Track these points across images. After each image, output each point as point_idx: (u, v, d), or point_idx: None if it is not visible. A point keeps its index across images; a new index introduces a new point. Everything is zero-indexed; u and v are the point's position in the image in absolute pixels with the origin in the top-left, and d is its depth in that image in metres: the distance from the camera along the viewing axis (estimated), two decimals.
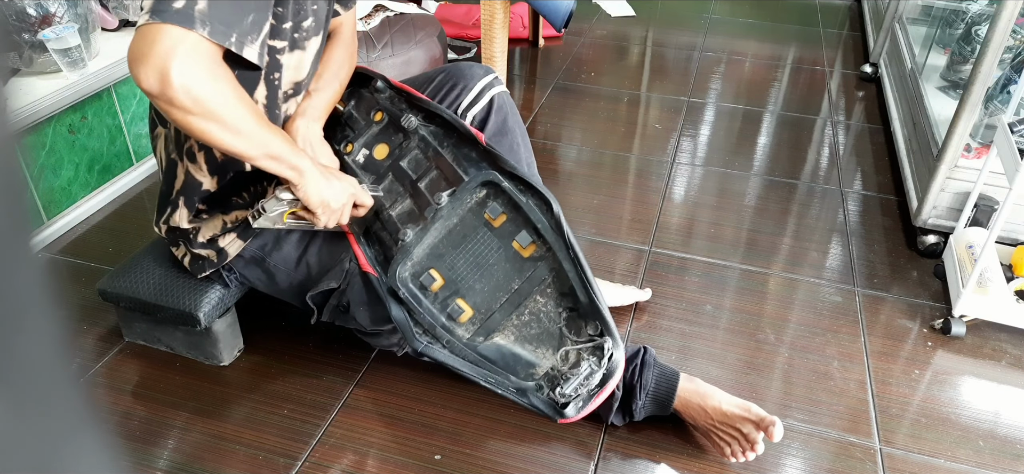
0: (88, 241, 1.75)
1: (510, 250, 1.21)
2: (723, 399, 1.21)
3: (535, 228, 1.20)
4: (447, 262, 1.22)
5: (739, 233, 1.86)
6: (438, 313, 1.20)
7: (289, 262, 1.28)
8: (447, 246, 1.23)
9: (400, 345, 1.28)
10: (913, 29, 2.44)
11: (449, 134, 1.29)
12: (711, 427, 1.21)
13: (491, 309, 1.20)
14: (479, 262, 1.22)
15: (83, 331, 1.47)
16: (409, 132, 1.31)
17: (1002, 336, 1.54)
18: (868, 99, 2.63)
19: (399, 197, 1.29)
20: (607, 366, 1.15)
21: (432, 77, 1.43)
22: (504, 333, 1.20)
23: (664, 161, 2.19)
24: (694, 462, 1.24)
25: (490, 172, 1.23)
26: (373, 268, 1.23)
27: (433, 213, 1.22)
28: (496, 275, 1.21)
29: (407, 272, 1.21)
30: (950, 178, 1.69)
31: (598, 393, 1.16)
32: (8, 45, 1.67)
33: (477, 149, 1.27)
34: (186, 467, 1.20)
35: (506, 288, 1.20)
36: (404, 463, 1.22)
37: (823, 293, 1.65)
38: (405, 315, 1.19)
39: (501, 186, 1.22)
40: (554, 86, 2.64)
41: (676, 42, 3.10)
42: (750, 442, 1.17)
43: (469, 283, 1.21)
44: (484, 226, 1.23)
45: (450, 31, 2.91)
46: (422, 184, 1.27)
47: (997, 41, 1.53)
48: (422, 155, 1.30)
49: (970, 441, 1.31)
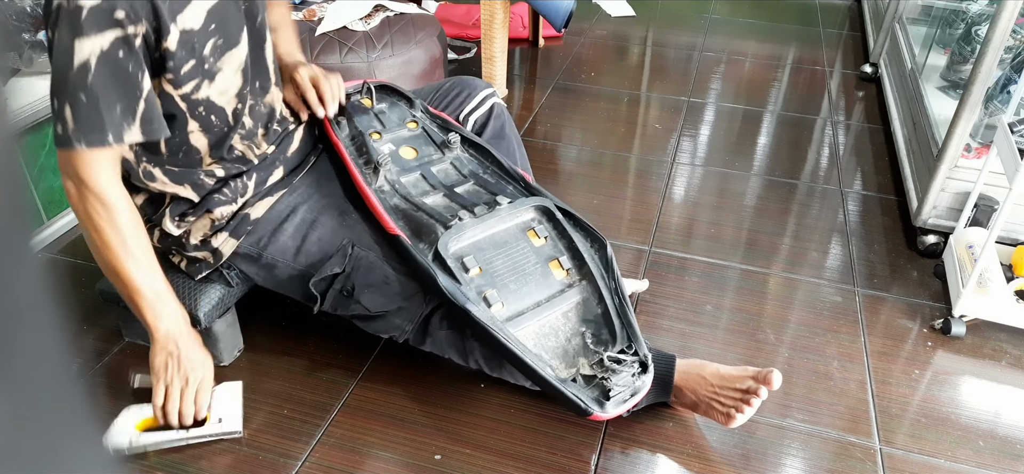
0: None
1: (546, 268, 1.27)
2: (720, 366, 1.25)
3: (578, 255, 1.28)
4: (486, 257, 1.26)
5: (739, 233, 1.86)
6: (475, 294, 1.20)
7: (288, 253, 1.28)
8: (488, 244, 1.27)
9: (403, 328, 1.27)
10: (913, 29, 2.44)
11: (490, 163, 1.43)
12: (713, 395, 1.22)
13: (521, 310, 1.22)
14: (516, 267, 1.26)
15: (83, 331, 1.47)
16: (443, 148, 1.42)
17: (1002, 336, 1.54)
18: (868, 99, 2.63)
19: (428, 192, 1.35)
20: (649, 363, 1.17)
21: (439, 86, 1.58)
22: (527, 334, 1.20)
23: (664, 161, 2.19)
24: (694, 461, 1.24)
25: (548, 199, 1.34)
26: (400, 231, 1.25)
27: (489, 209, 1.28)
28: (529, 283, 1.25)
29: (454, 249, 1.23)
30: (950, 178, 1.69)
31: (640, 391, 1.15)
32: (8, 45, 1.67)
33: (522, 183, 1.39)
34: (186, 467, 1.20)
35: (535, 297, 1.24)
36: (404, 463, 1.22)
37: (823, 293, 1.65)
38: (450, 280, 1.19)
39: (553, 215, 1.33)
40: (554, 86, 2.64)
41: (676, 42, 3.10)
42: (752, 393, 1.18)
43: (504, 281, 1.24)
44: (526, 241, 1.30)
45: (450, 31, 2.91)
46: (459, 189, 1.36)
47: (997, 41, 1.53)
48: (455, 171, 1.41)
49: (970, 441, 1.31)
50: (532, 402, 1.32)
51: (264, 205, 1.30)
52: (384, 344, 1.44)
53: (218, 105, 1.19)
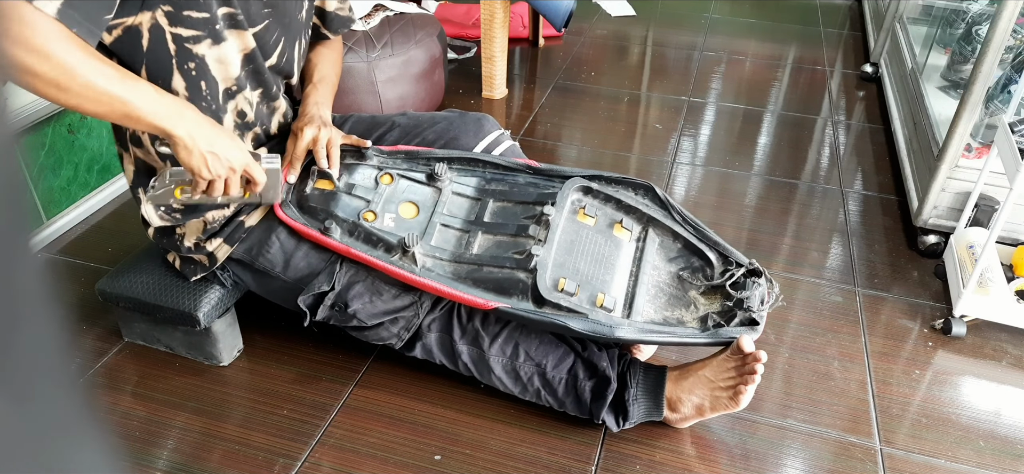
0: (87, 241, 1.74)
1: (614, 238, 1.29)
2: (708, 360, 1.23)
3: (631, 209, 1.30)
4: (570, 268, 1.22)
5: (739, 233, 1.86)
6: (604, 313, 1.18)
7: (277, 265, 1.27)
8: (563, 255, 1.23)
9: (400, 336, 1.27)
10: (914, 29, 2.44)
11: (485, 168, 1.35)
12: (712, 388, 1.21)
13: (628, 294, 1.23)
14: (595, 258, 1.24)
15: (83, 331, 1.47)
16: (432, 181, 1.33)
17: (1003, 336, 1.54)
18: (869, 99, 2.63)
19: (467, 241, 1.26)
20: (753, 265, 1.24)
21: (433, 121, 1.45)
22: (645, 309, 1.22)
23: (664, 161, 2.19)
24: (695, 462, 1.24)
25: (576, 177, 1.31)
26: (495, 301, 1.18)
27: (539, 224, 1.24)
28: (613, 265, 1.25)
29: (548, 282, 1.18)
30: (951, 178, 1.68)
31: (770, 291, 1.22)
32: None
33: (530, 170, 1.34)
34: (185, 467, 1.20)
35: (625, 272, 1.25)
36: (404, 463, 1.22)
37: (824, 293, 1.65)
38: (579, 319, 1.16)
39: (590, 187, 1.31)
40: (554, 86, 2.64)
41: (676, 42, 3.10)
42: (749, 372, 1.17)
43: (600, 279, 1.22)
44: (584, 228, 1.28)
45: (450, 31, 2.91)
46: (488, 218, 1.29)
47: (998, 41, 1.53)
48: (466, 200, 1.32)
49: (971, 441, 1.31)
50: (532, 402, 1.32)
51: (259, 213, 1.29)
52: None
53: (212, 74, 1.16)
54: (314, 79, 1.37)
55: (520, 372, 1.26)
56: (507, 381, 1.27)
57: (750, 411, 1.32)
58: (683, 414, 1.25)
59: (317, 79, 1.37)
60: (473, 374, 1.28)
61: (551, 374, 1.25)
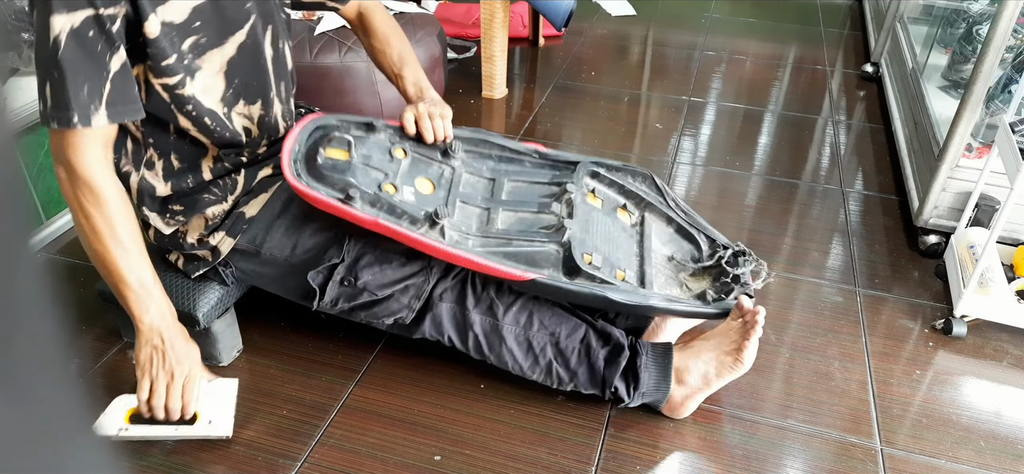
0: None
1: (619, 220, 1.38)
2: (711, 332, 1.30)
3: (632, 194, 1.41)
4: (590, 245, 1.27)
5: (740, 233, 1.86)
6: (616, 281, 1.25)
7: (284, 248, 1.28)
8: (582, 231, 1.29)
9: (410, 306, 1.25)
10: (914, 28, 2.44)
11: (493, 148, 1.41)
12: (716, 352, 1.25)
13: (641, 272, 1.31)
14: (606, 237, 1.32)
15: (82, 331, 1.47)
16: (445, 158, 1.38)
17: (1003, 336, 1.54)
18: (869, 99, 2.63)
19: (490, 217, 1.31)
20: (739, 246, 1.36)
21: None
22: (658, 282, 1.32)
23: (665, 161, 2.19)
24: (695, 462, 1.24)
25: (583, 163, 1.39)
26: (530, 273, 1.21)
27: (560, 202, 1.31)
28: (621, 243, 1.33)
29: (578, 256, 1.24)
30: (951, 178, 1.68)
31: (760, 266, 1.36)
32: (7, 45, 1.67)
33: (536, 155, 1.42)
34: (185, 467, 1.20)
35: (631, 250, 1.34)
36: (404, 463, 1.22)
37: (824, 293, 1.65)
38: (614, 289, 1.22)
39: (597, 172, 1.40)
40: (554, 86, 2.64)
41: (677, 41, 3.10)
42: (751, 324, 1.22)
43: (617, 257, 1.29)
44: (594, 208, 1.36)
45: (450, 30, 2.91)
46: (506, 196, 1.36)
47: (998, 40, 1.53)
48: (481, 179, 1.39)
49: (971, 441, 1.31)
50: (532, 402, 1.32)
51: (259, 203, 1.29)
52: (383, 344, 1.43)
53: (207, 106, 1.18)
54: (394, 63, 1.45)
55: (533, 342, 1.26)
56: (518, 353, 1.26)
57: (750, 411, 1.32)
58: (690, 386, 1.26)
59: (395, 58, 1.45)
60: (482, 349, 1.27)
61: (564, 343, 1.25)
